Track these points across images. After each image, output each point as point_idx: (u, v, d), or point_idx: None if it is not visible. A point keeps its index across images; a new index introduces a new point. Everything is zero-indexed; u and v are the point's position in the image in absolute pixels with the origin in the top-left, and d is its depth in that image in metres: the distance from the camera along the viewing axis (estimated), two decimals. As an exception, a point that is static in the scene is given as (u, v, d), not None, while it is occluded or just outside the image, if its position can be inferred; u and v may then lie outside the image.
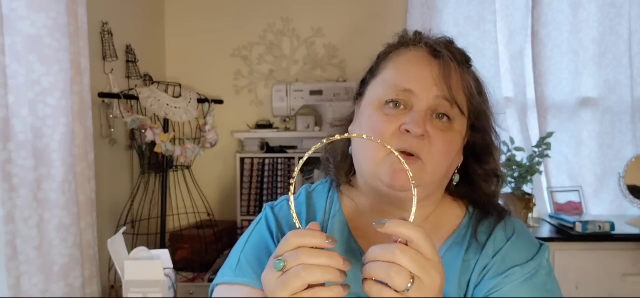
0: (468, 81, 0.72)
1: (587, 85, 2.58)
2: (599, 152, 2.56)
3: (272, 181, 2.56)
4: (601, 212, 2.54)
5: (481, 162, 0.77)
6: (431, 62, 0.70)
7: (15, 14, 1.34)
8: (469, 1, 2.58)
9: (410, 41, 0.75)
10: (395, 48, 0.76)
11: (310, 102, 2.60)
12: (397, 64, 0.73)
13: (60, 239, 1.46)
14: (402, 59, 0.73)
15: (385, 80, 0.73)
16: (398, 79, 0.71)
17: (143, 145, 2.23)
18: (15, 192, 1.36)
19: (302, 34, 2.76)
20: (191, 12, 2.77)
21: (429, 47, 0.72)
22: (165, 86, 2.23)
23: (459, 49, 0.74)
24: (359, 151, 0.73)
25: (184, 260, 2.31)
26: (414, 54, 0.73)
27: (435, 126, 0.69)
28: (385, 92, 0.71)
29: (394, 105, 0.70)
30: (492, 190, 0.77)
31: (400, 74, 0.71)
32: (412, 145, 0.67)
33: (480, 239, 0.74)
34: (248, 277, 0.72)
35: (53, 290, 1.44)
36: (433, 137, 0.67)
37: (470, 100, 0.72)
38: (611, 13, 2.52)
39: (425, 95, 0.68)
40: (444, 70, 0.69)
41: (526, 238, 0.76)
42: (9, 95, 1.34)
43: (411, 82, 0.69)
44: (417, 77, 0.69)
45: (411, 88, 0.69)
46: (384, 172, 0.67)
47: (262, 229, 0.79)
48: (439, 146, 0.68)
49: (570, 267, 2.07)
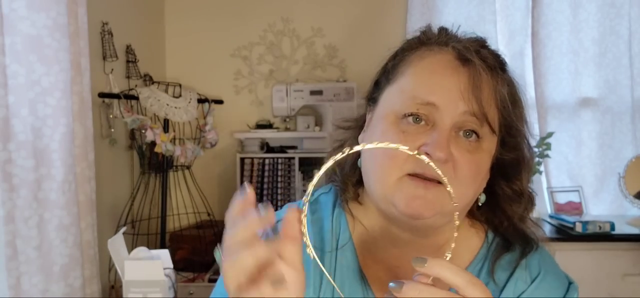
0: (501, 92, 0.60)
1: (587, 85, 2.58)
2: (599, 152, 2.56)
3: (272, 181, 2.56)
4: (601, 212, 2.54)
5: (508, 180, 0.65)
6: (458, 70, 0.59)
7: (15, 14, 1.34)
8: (469, 1, 2.58)
9: (434, 40, 0.63)
10: (416, 47, 0.64)
11: (310, 102, 2.60)
12: (417, 70, 0.61)
13: (60, 239, 1.46)
14: (424, 64, 0.61)
15: (402, 89, 0.61)
16: (418, 89, 0.59)
17: (143, 145, 2.23)
18: (15, 192, 1.36)
19: (302, 34, 2.76)
20: (191, 12, 2.77)
21: (457, 51, 0.60)
22: (165, 86, 2.23)
23: (492, 53, 0.62)
24: (369, 170, 0.63)
25: (184, 260, 2.31)
26: (438, 59, 0.61)
27: (461, 146, 0.58)
28: (403, 104, 0.59)
29: (413, 119, 0.59)
30: (517, 213, 0.65)
31: (421, 83, 0.60)
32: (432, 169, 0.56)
33: (498, 278, 0.63)
34: None
35: (53, 290, 1.44)
36: (458, 160, 0.57)
37: (502, 114, 0.61)
38: (611, 13, 2.52)
39: (450, 110, 0.57)
40: (474, 80, 0.58)
41: (553, 278, 0.66)
42: (9, 95, 1.34)
43: (434, 94, 0.58)
44: (441, 87, 0.58)
45: (434, 101, 0.58)
46: (398, 198, 0.58)
47: None
48: (465, 171, 0.58)
49: (570, 267, 2.04)
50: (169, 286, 1.19)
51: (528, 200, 0.66)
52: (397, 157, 0.57)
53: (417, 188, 0.57)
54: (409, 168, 0.57)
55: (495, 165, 0.64)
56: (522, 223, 0.66)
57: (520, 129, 0.64)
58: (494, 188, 0.66)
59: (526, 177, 0.66)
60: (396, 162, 0.58)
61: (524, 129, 0.65)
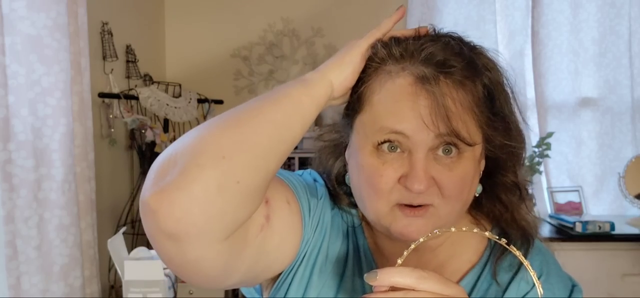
0: (471, 101, 0.57)
1: (587, 85, 2.58)
2: (599, 152, 2.56)
3: (272, 181, 2.56)
4: (601, 212, 2.54)
5: (502, 169, 0.64)
6: (419, 95, 0.56)
7: (16, 14, 1.34)
8: (469, 1, 2.58)
9: (389, 61, 0.59)
10: (373, 69, 0.60)
11: (310, 102, 2.60)
12: (381, 98, 0.58)
13: (60, 239, 1.46)
14: (385, 93, 0.58)
15: (372, 119, 0.59)
16: (385, 120, 0.57)
17: (143, 145, 2.23)
18: (15, 192, 1.36)
19: (302, 34, 2.76)
20: (191, 12, 2.77)
21: (414, 75, 0.57)
22: (165, 86, 2.23)
23: (459, 59, 0.58)
24: (359, 197, 0.62)
25: (184, 260, 2.31)
26: (398, 84, 0.57)
27: (442, 165, 0.57)
28: (375, 134, 0.58)
29: (388, 146, 0.58)
30: (513, 202, 0.65)
31: (386, 113, 0.57)
32: (419, 198, 0.57)
33: (500, 279, 0.63)
34: (287, 178, 0.65)
35: (53, 290, 1.44)
36: (441, 181, 0.57)
37: (479, 116, 0.58)
38: (611, 13, 2.52)
39: (419, 137, 0.56)
40: (436, 102, 0.55)
41: (557, 280, 0.65)
42: (9, 95, 1.34)
43: (400, 123, 0.56)
44: (405, 116, 0.56)
45: (401, 130, 0.56)
46: (393, 228, 0.59)
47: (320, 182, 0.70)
48: (450, 189, 0.57)
49: (570, 267, 2.04)
50: (169, 286, 1.19)
51: (522, 189, 0.65)
52: (381, 191, 0.57)
53: (407, 218, 0.58)
54: (396, 199, 0.58)
55: (487, 157, 0.63)
56: (519, 214, 0.65)
57: (505, 120, 0.61)
58: (490, 178, 0.65)
59: (516, 168, 0.65)
60: (382, 195, 0.58)
61: (509, 118, 0.62)
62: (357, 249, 0.68)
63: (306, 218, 0.63)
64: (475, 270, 0.65)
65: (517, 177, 0.65)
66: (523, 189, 0.65)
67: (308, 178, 0.70)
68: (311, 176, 0.71)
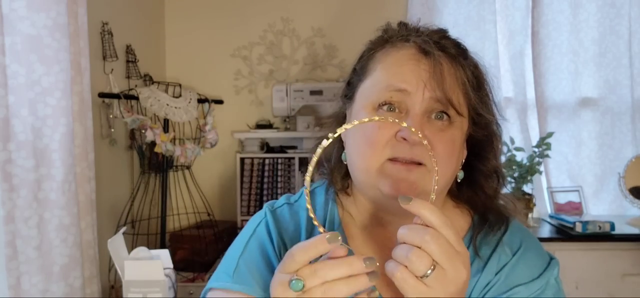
0: (464, 77, 0.66)
1: (587, 85, 2.58)
2: (599, 152, 2.56)
3: (272, 181, 2.56)
4: (601, 212, 2.54)
5: (482, 159, 0.71)
6: (421, 61, 0.65)
7: (15, 14, 1.34)
8: (469, 1, 2.58)
9: (396, 37, 0.69)
10: (381, 45, 0.70)
11: (310, 102, 2.60)
12: (386, 64, 0.67)
13: (60, 239, 1.46)
14: (391, 59, 0.67)
15: (375, 82, 0.67)
16: (390, 79, 0.65)
17: (143, 145, 2.23)
18: (15, 192, 1.36)
19: (302, 34, 2.76)
20: (191, 12, 2.77)
21: (418, 45, 0.66)
22: (165, 86, 2.23)
23: (452, 42, 0.68)
24: (352, 160, 0.68)
25: (184, 260, 2.31)
26: (403, 53, 0.67)
27: (434, 127, 0.64)
28: (378, 94, 0.65)
29: (388, 108, 0.65)
30: (492, 188, 0.71)
31: (391, 73, 0.66)
32: (412, 153, 0.62)
33: (482, 254, 0.69)
34: (247, 285, 0.67)
35: (53, 290, 1.44)
36: (433, 140, 0.62)
37: (468, 96, 0.66)
38: (611, 13, 2.52)
39: (419, 96, 0.63)
40: (435, 69, 0.64)
41: (534, 252, 0.70)
42: (9, 95, 1.34)
43: (404, 82, 0.64)
44: (408, 76, 0.64)
45: (405, 87, 0.64)
46: (383, 183, 0.63)
47: (262, 234, 0.73)
48: (441, 149, 0.63)
49: (570, 267, 2.07)
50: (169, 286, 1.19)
51: (500, 175, 0.72)
52: (376, 143, 0.63)
53: (399, 172, 0.62)
54: (389, 154, 0.63)
55: (470, 144, 0.70)
56: (497, 198, 0.72)
57: (487, 108, 0.69)
58: (471, 167, 0.71)
59: (496, 155, 0.71)
60: (376, 148, 0.63)
61: (492, 109, 0.70)
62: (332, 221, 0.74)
63: None
64: None
65: (497, 164, 0.71)
66: (501, 176, 0.72)
67: (252, 253, 0.71)
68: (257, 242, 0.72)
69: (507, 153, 2.36)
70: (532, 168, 2.32)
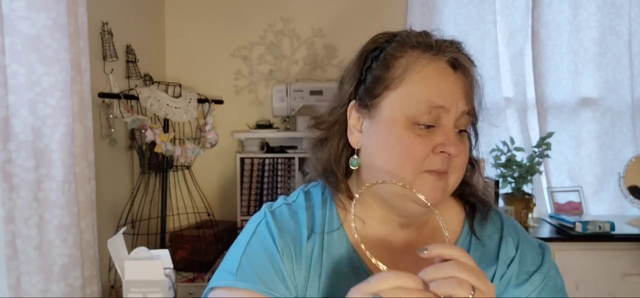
0: (476, 87, 0.71)
1: (587, 85, 2.58)
2: (599, 152, 2.56)
3: (272, 181, 2.56)
4: (601, 212, 2.54)
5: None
6: (454, 75, 0.68)
7: (15, 14, 1.34)
8: (469, 1, 2.58)
9: (424, 46, 0.69)
10: (402, 51, 0.69)
11: (310, 102, 2.60)
12: (423, 77, 0.67)
13: (60, 239, 1.46)
14: (428, 72, 0.68)
15: (411, 95, 0.67)
16: (430, 94, 0.66)
17: (143, 145, 2.23)
18: (15, 192, 1.36)
19: (302, 34, 2.76)
20: (191, 12, 2.77)
21: (449, 59, 0.68)
22: (165, 86, 2.23)
23: (468, 54, 0.72)
24: (385, 171, 0.68)
25: (184, 260, 2.31)
26: (437, 66, 0.68)
27: (459, 139, 0.69)
28: (417, 108, 0.66)
29: (425, 125, 0.67)
30: (466, 176, 0.76)
31: (430, 89, 0.67)
32: (446, 163, 0.67)
33: (490, 244, 0.74)
34: (251, 282, 0.68)
35: (53, 290, 1.44)
36: (460, 152, 0.68)
37: (477, 103, 0.72)
38: (611, 13, 2.52)
39: (454, 110, 0.67)
40: (465, 84, 0.69)
41: (529, 240, 0.77)
42: (9, 95, 1.34)
43: (442, 98, 0.66)
44: (445, 92, 0.67)
45: (443, 104, 0.66)
46: (422, 191, 0.65)
47: (263, 232, 0.73)
48: (463, 160, 0.69)
49: (570, 267, 2.07)
50: (169, 286, 1.19)
51: (474, 163, 0.77)
52: (416, 157, 0.66)
53: (436, 182, 0.67)
54: (427, 166, 0.66)
55: None
56: (475, 184, 0.78)
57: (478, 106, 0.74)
58: None
59: (473, 145, 0.76)
60: (416, 162, 0.66)
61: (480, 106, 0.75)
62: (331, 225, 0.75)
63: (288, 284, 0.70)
64: (463, 239, 0.76)
65: (471, 154, 0.76)
66: (475, 163, 0.77)
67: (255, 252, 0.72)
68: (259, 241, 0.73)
69: (507, 153, 2.36)
70: (532, 168, 2.32)
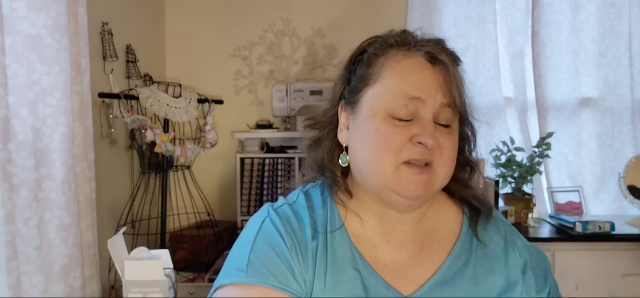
0: (460, 81, 0.72)
1: (587, 85, 2.58)
2: (599, 152, 2.56)
3: (272, 181, 2.56)
4: (601, 212, 2.54)
5: (461, 151, 0.77)
6: (432, 69, 0.70)
7: (15, 14, 1.34)
8: (469, 1, 2.58)
9: (402, 43, 0.72)
10: (383, 50, 0.73)
11: (310, 102, 2.60)
12: (399, 71, 0.70)
13: (61, 239, 1.46)
14: (403, 66, 0.70)
15: (387, 89, 0.70)
16: (405, 87, 0.69)
17: (143, 145, 2.23)
18: (15, 192, 1.36)
19: (302, 34, 2.76)
20: (191, 12, 2.77)
21: (427, 53, 0.70)
22: (165, 86, 2.23)
23: (450, 50, 0.73)
24: (363, 163, 0.71)
25: (184, 260, 2.31)
26: (414, 61, 0.70)
27: (441, 131, 0.69)
28: (393, 101, 0.69)
29: (403, 116, 0.69)
30: (465, 177, 0.78)
31: (405, 82, 0.69)
32: (425, 154, 0.67)
33: (494, 246, 0.75)
34: (263, 278, 0.66)
35: (53, 290, 1.44)
36: (442, 143, 0.68)
37: (462, 97, 0.72)
38: (611, 13, 2.52)
39: (431, 102, 0.68)
40: (445, 76, 0.69)
41: (529, 244, 0.79)
42: (9, 95, 1.34)
43: (418, 90, 0.68)
44: (422, 83, 0.68)
45: (419, 95, 0.68)
46: (400, 184, 0.67)
47: (269, 229, 0.72)
48: (449, 151, 0.69)
49: (570, 267, 2.07)
50: (169, 286, 1.19)
51: (473, 165, 0.78)
52: (392, 148, 0.67)
53: (414, 174, 0.67)
54: (405, 157, 0.67)
55: None
56: (475, 187, 0.78)
57: (469, 108, 0.75)
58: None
59: (469, 148, 0.78)
60: (393, 152, 0.67)
61: (468, 107, 0.76)
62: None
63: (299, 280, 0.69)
64: (463, 238, 0.76)
65: (469, 156, 0.78)
66: (474, 165, 0.78)
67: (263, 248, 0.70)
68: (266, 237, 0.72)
69: (507, 153, 2.36)
70: (532, 168, 2.32)
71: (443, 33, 2.56)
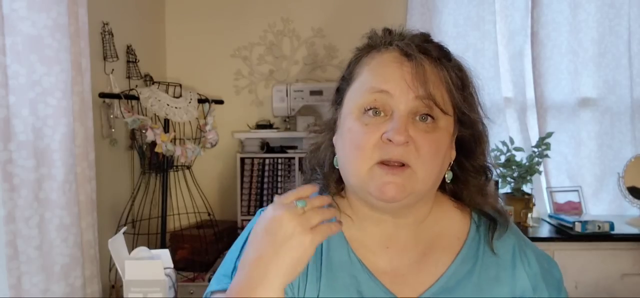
0: (446, 77, 0.68)
1: (587, 85, 2.58)
2: (598, 152, 2.56)
3: (272, 181, 2.57)
4: (600, 212, 2.54)
5: (470, 157, 0.74)
6: (404, 63, 0.67)
7: (16, 14, 1.34)
8: (468, 1, 2.58)
9: (380, 43, 0.72)
10: (366, 51, 0.73)
11: (310, 102, 2.60)
12: (370, 67, 0.70)
13: (61, 239, 1.46)
14: (375, 62, 0.70)
15: (360, 86, 0.70)
16: (373, 81, 0.68)
17: (143, 145, 2.23)
18: (16, 192, 1.37)
19: (302, 34, 2.77)
20: (191, 12, 2.77)
21: (400, 48, 0.68)
22: (166, 86, 2.23)
23: (435, 45, 0.70)
24: (343, 164, 0.71)
25: (185, 259, 2.31)
26: (386, 57, 0.69)
27: (419, 129, 0.66)
28: (362, 97, 0.68)
29: (373, 112, 0.67)
30: (480, 184, 0.75)
31: (374, 76, 0.68)
32: (397, 153, 0.64)
33: (504, 256, 0.73)
34: None
35: (54, 289, 1.44)
36: (417, 141, 0.65)
37: (453, 95, 0.68)
38: (610, 13, 2.52)
39: (402, 97, 0.66)
40: (417, 70, 0.66)
41: (541, 253, 0.78)
42: (10, 95, 1.35)
43: (387, 83, 0.66)
44: (391, 78, 0.67)
45: (387, 89, 0.66)
46: (372, 186, 0.65)
47: None
48: (426, 149, 0.65)
49: (569, 267, 2.08)
50: (170, 286, 1.19)
51: (488, 173, 0.75)
52: (364, 147, 0.66)
53: (386, 175, 0.64)
54: (377, 157, 0.65)
55: (458, 145, 0.73)
56: (490, 196, 0.75)
57: (473, 106, 0.71)
58: (462, 167, 0.74)
59: (484, 153, 0.74)
60: (364, 152, 0.65)
61: (477, 108, 0.72)
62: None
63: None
64: (469, 245, 0.74)
65: (484, 161, 0.74)
66: (489, 172, 0.75)
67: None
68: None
69: (507, 153, 2.36)
70: (532, 168, 2.33)
71: (443, 33, 2.56)
